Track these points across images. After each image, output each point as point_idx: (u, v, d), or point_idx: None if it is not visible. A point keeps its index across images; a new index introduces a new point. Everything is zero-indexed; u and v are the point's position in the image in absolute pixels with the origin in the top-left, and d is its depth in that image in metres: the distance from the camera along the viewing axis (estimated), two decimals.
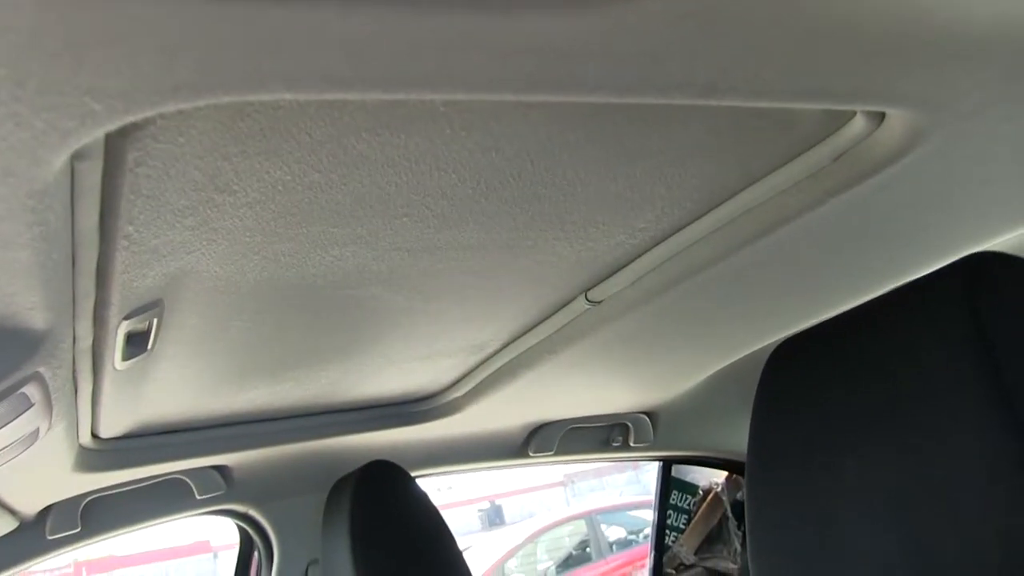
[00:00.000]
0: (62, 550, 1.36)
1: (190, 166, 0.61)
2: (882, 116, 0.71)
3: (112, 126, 0.44)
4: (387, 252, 0.85)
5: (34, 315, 0.66)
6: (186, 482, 1.43)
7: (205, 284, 0.83)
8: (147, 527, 1.47)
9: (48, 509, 1.32)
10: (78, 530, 1.34)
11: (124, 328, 0.82)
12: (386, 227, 0.80)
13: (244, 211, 0.70)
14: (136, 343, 0.88)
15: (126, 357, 0.90)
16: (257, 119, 0.58)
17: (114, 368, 0.92)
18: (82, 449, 1.18)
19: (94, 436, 1.20)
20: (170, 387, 1.11)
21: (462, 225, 0.83)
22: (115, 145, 0.55)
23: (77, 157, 0.48)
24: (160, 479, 1.40)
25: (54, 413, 0.88)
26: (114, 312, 0.79)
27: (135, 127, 0.53)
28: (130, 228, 0.66)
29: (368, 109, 0.60)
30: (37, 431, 0.90)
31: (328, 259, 0.84)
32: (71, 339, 0.78)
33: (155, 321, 0.86)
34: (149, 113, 0.43)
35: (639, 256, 1.00)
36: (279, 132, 0.60)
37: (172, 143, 0.57)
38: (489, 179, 0.74)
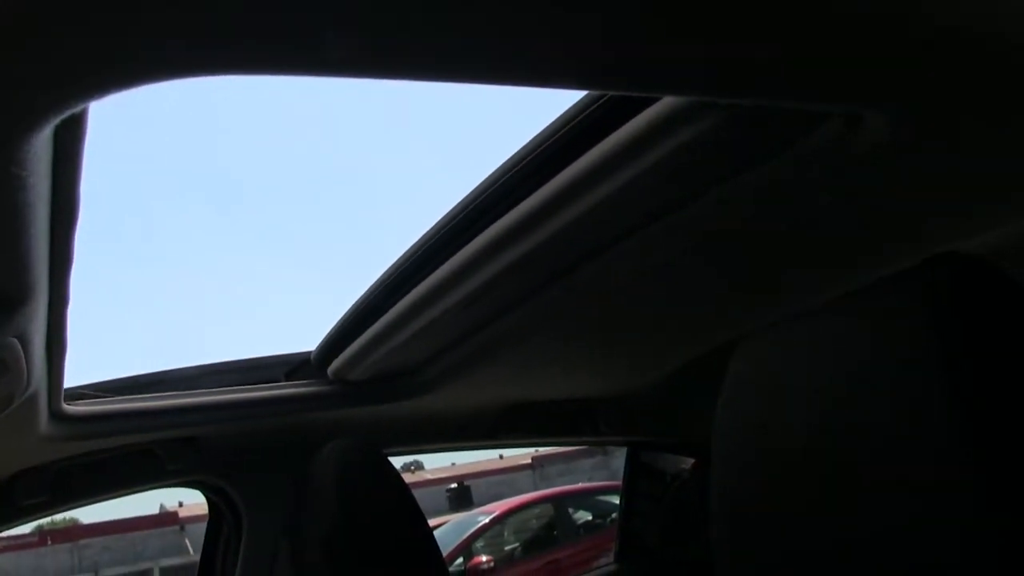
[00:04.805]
0: (30, 517, 1.36)
1: None
2: (859, 117, 0.73)
3: (101, 96, 0.44)
4: None
5: (12, 282, 0.66)
6: (157, 453, 1.43)
7: None
8: (117, 496, 1.47)
9: (17, 475, 1.31)
10: (48, 498, 1.34)
11: None
12: None
13: None
14: None
15: None
16: None
17: None
18: (54, 416, 1.18)
19: (67, 403, 1.19)
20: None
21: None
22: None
23: (63, 124, 0.48)
24: (131, 449, 1.39)
25: (28, 379, 0.88)
26: None
27: None
28: None
29: None
30: (11, 396, 0.89)
31: None
32: (48, 306, 0.78)
33: None
34: (141, 85, 0.43)
35: (615, 243, 1.01)
36: None
37: None
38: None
